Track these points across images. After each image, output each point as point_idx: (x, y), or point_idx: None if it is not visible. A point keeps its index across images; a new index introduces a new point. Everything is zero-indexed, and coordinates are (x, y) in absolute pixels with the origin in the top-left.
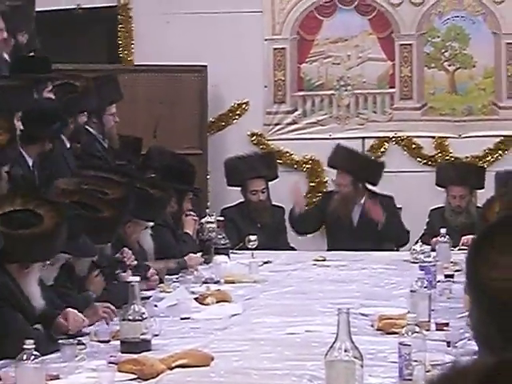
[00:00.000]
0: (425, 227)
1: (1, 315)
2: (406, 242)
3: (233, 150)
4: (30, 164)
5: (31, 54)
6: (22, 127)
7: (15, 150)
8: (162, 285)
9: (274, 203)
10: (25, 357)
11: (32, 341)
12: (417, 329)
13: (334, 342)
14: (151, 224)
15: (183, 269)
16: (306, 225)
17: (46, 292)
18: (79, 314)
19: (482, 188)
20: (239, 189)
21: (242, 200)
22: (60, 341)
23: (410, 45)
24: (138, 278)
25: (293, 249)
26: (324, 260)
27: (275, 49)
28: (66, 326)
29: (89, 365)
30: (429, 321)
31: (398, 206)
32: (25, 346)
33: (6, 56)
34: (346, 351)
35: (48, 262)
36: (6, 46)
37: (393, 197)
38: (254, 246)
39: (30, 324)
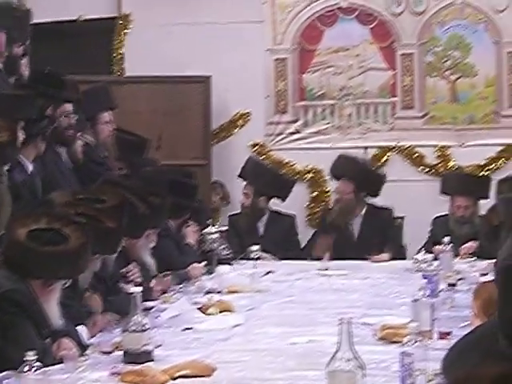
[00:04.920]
0: (428, 235)
1: (11, 321)
2: (402, 257)
3: (235, 161)
4: (30, 169)
5: (47, 69)
6: (24, 136)
7: (15, 151)
8: (164, 295)
9: (282, 211)
10: (26, 368)
11: (33, 352)
12: (419, 338)
13: (335, 352)
14: (152, 242)
15: (185, 279)
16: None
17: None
18: (72, 345)
19: (487, 198)
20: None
21: None
22: (62, 352)
23: (411, 54)
24: (139, 289)
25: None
26: (326, 269)
27: (276, 59)
28: (57, 355)
29: (91, 376)
30: (431, 330)
31: (401, 215)
32: (26, 358)
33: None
34: (347, 361)
35: None
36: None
37: (392, 209)
38: (256, 256)
39: (42, 338)
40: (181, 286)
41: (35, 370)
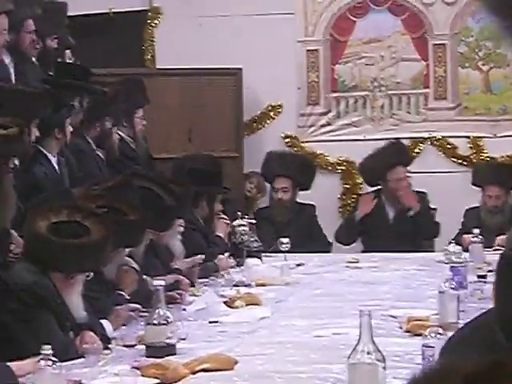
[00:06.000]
0: (459, 227)
1: (33, 315)
2: (436, 235)
3: None
4: (54, 162)
5: (71, 61)
6: (37, 133)
7: (24, 146)
8: (192, 288)
9: (302, 201)
10: (43, 363)
11: (49, 346)
12: (440, 330)
13: (356, 345)
14: (180, 226)
15: (214, 272)
16: (350, 236)
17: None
18: (95, 338)
19: None
20: None
21: None
22: (85, 345)
23: (443, 45)
24: (162, 282)
25: (329, 244)
26: (357, 262)
27: (308, 50)
28: (80, 348)
29: (112, 369)
30: (457, 322)
31: (433, 206)
32: (42, 352)
33: (33, 59)
34: (368, 354)
35: None
36: (34, 50)
37: (425, 192)
38: (287, 249)
39: (65, 331)
40: (209, 278)
41: (52, 364)
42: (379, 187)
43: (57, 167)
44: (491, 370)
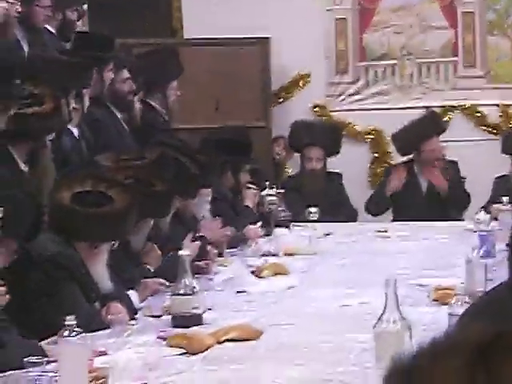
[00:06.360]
0: (489, 196)
1: (57, 286)
2: (467, 206)
3: None
4: (75, 133)
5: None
6: (74, 105)
7: (60, 120)
8: (220, 258)
9: (330, 170)
10: (66, 333)
11: (73, 317)
12: (466, 299)
13: (382, 314)
14: (208, 196)
15: (242, 241)
16: (380, 207)
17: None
18: (121, 309)
19: None
20: None
21: None
22: (110, 316)
23: (472, 12)
24: (188, 252)
25: (355, 213)
26: (386, 231)
27: (336, 19)
28: (106, 319)
29: (137, 340)
30: (485, 291)
31: (463, 175)
32: (66, 322)
33: (49, 27)
34: (394, 322)
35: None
36: (53, 20)
37: (457, 162)
38: (315, 218)
39: (90, 302)
40: (237, 248)
41: (75, 335)
42: (411, 158)
43: (78, 138)
44: (499, 339)
